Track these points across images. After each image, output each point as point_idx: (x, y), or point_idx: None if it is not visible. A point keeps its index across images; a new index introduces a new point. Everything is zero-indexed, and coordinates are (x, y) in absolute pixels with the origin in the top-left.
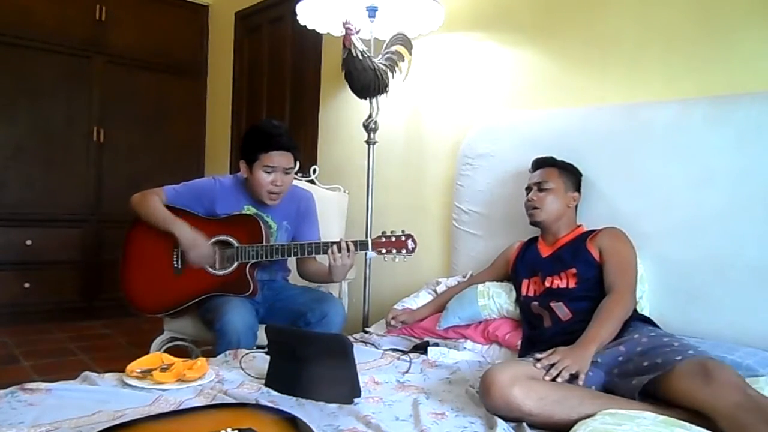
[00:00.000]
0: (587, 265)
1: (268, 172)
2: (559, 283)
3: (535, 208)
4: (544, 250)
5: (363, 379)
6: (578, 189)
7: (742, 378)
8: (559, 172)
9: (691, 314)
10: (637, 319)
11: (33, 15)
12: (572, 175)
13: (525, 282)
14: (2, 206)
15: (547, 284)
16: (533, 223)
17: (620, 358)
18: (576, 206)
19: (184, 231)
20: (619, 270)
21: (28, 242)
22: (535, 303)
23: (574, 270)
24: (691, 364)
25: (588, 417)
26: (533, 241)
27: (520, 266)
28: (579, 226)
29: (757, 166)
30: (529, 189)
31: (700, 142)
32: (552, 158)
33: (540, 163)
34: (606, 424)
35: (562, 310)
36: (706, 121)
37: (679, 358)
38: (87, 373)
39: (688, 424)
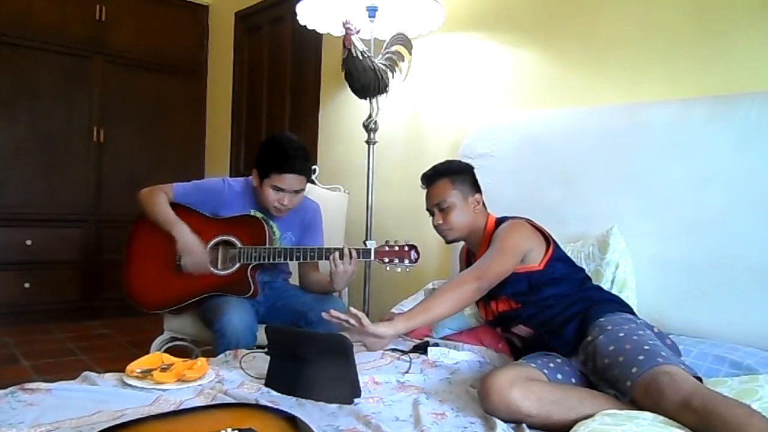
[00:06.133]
0: (510, 284)
1: (277, 191)
2: (504, 307)
3: (445, 230)
4: None
5: (363, 379)
6: (478, 188)
7: (688, 381)
8: (452, 182)
9: (690, 314)
10: (603, 311)
11: (33, 15)
12: (467, 175)
13: (480, 305)
14: (2, 206)
15: (493, 308)
16: (450, 242)
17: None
18: (483, 203)
19: (183, 235)
20: (485, 256)
21: (28, 242)
22: (499, 329)
23: (503, 296)
24: (640, 390)
25: (587, 417)
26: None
27: None
28: (489, 220)
29: (757, 166)
30: (431, 212)
31: (700, 142)
32: (439, 170)
33: (429, 179)
34: (605, 424)
35: (522, 330)
36: (706, 121)
37: (629, 384)
38: (87, 373)
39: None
